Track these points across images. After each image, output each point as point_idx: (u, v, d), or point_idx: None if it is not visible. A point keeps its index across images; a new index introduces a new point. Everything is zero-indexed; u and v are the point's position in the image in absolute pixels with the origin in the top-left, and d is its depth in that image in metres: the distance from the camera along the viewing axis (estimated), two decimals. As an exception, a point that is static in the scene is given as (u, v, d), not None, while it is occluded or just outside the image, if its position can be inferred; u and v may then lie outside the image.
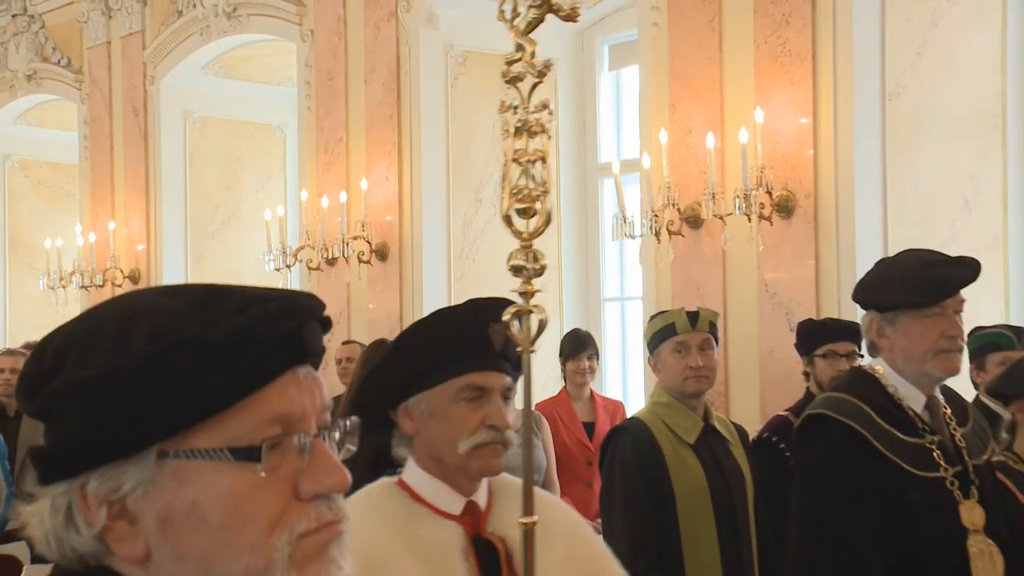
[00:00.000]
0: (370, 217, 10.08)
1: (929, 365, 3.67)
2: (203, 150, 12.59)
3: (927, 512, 3.60)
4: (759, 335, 7.74)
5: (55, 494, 1.41)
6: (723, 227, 7.83)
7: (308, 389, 1.45)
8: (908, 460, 3.62)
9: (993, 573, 3.56)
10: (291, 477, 1.41)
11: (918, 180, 7.59)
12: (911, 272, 3.71)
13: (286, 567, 1.39)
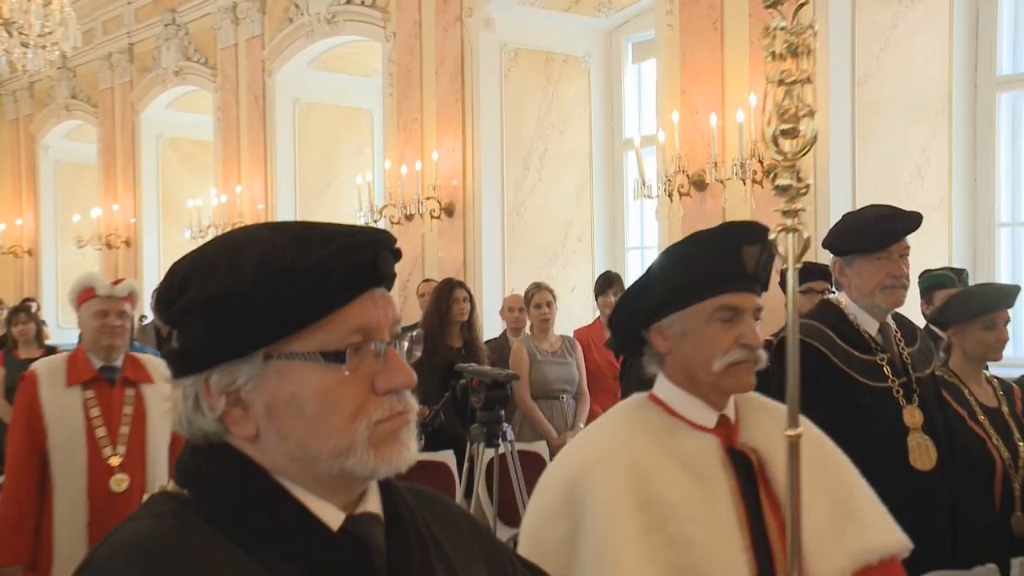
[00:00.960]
0: (439, 182, 10.08)
1: (878, 298, 3.67)
2: (308, 129, 12.63)
3: (876, 414, 3.61)
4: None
5: (185, 385, 1.44)
6: (723, 189, 7.90)
7: (382, 306, 1.46)
8: (862, 373, 3.64)
9: (928, 463, 3.58)
10: (369, 376, 1.43)
11: (880, 152, 7.59)
12: (865, 224, 3.71)
13: (366, 448, 1.41)
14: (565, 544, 2.31)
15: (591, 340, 7.45)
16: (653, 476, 2.33)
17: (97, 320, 4.30)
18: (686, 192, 8.11)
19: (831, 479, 2.53)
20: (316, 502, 1.44)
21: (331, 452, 1.41)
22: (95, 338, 4.33)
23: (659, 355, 2.50)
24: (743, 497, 2.38)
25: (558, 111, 10.15)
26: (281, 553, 1.39)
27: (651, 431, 2.45)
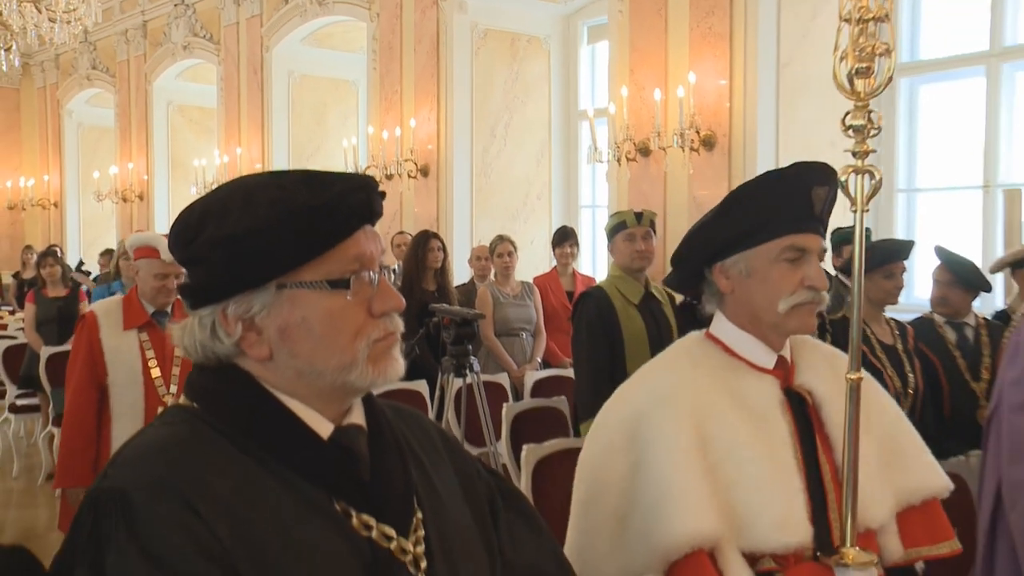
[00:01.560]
0: (416, 146, 10.06)
1: None
2: (300, 98, 12.57)
3: None
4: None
5: (202, 315, 1.45)
6: (665, 156, 7.90)
7: (373, 240, 1.48)
8: None
9: None
10: (366, 301, 1.45)
11: (800, 124, 7.65)
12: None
13: (365, 363, 1.44)
14: (625, 483, 2.12)
15: (547, 286, 7.50)
16: (714, 417, 2.11)
17: (157, 281, 4.24)
18: (632, 158, 8.14)
19: (879, 420, 2.29)
20: (310, 414, 1.45)
21: (336, 367, 1.43)
22: (152, 295, 4.26)
23: (720, 294, 2.24)
24: (800, 439, 2.15)
25: (522, 85, 10.13)
26: (279, 457, 1.41)
27: (713, 371, 2.20)
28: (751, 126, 7.53)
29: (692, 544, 1.97)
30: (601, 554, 2.13)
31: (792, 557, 2.03)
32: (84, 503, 1.34)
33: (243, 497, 1.35)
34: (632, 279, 4.85)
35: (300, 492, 1.39)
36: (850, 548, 2.02)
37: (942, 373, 4.24)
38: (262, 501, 1.36)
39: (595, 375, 4.68)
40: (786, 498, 2.05)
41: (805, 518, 2.04)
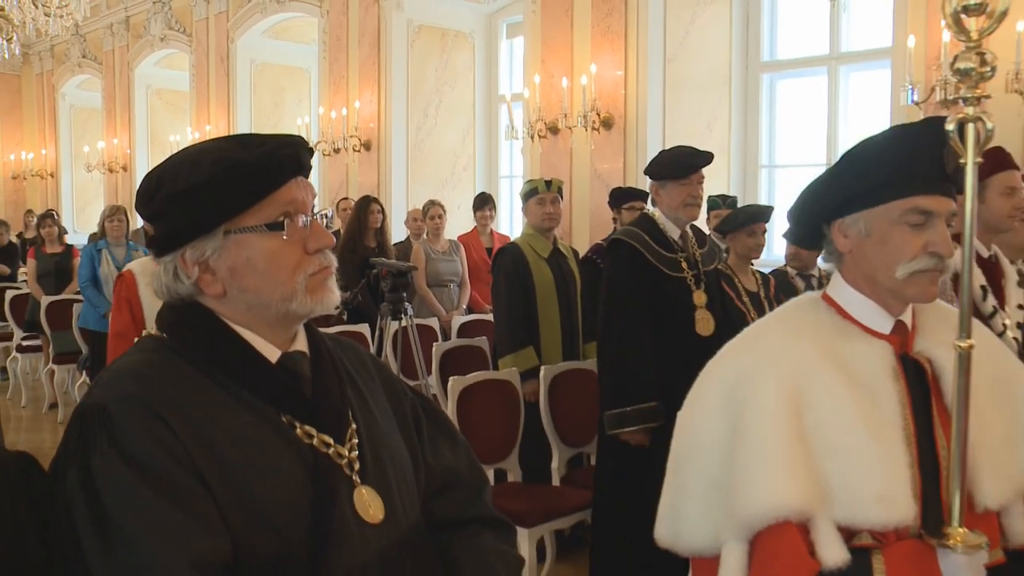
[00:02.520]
0: (360, 124, 9.91)
1: (680, 213, 3.68)
2: (261, 83, 12.24)
3: (674, 296, 3.64)
4: (590, 198, 7.83)
5: (166, 262, 1.46)
6: (571, 134, 7.88)
7: (304, 189, 1.47)
8: (666, 266, 3.65)
9: (708, 330, 3.63)
10: (301, 240, 1.45)
11: (684, 110, 7.67)
12: (675, 157, 3.70)
13: (304, 293, 1.44)
14: (719, 445, 1.75)
15: (470, 243, 7.45)
16: (815, 382, 1.70)
17: None
18: (544, 135, 8.10)
19: (1009, 392, 1.82)
20: (260, 342, 1.46)
21: (280, 298, 1.44)
22: None
23: (838, 253, 1.83)
24: (913, 409, 1.72)
25: (450, 73, 9.97)
26: (234, 378, 1.42)
27: (821, 334, 1.79)
28: (643, 110, 7.56)
29: (775, 515, 1.61)
30: (693, 517, 1.80)
31: (893, 534, 1.65)
32: (73, 417, 1.36)
33: (204, 410, 1.36)
34: (542, 237, 4.84)
35: (252, 407, 1.40)
36: (957, 528, 1.61)
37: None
38: (220, 413, 1.37)
39: (511, 318, 4.68)
40: (888, 470, 1.65)
41: (909, 493, 1.65)
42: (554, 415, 4.36)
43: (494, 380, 4.29)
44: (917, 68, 6.05)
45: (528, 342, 4.64)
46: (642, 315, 3.60)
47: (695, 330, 3.64)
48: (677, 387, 3.53)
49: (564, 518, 4.01)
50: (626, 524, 3.66)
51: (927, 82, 6.01)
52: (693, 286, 3.68)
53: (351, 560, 1.38)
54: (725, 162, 7.71)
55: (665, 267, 3.66)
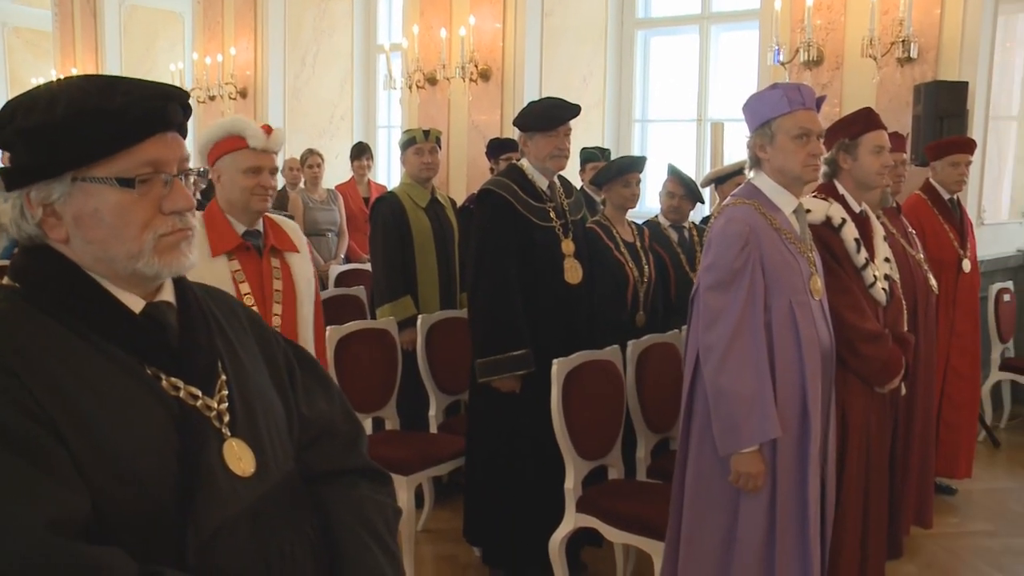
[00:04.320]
0: (236, 71, 9.60)
1: (548, 163, 3.67)
2: (132, 26, 11.63)
3: (543, 245, 3.64)
4: (467, 148, 7.78)
5: (14, 197, 1.36)
6: (449, 85, 7.79)
7: (172, 146, 1.37)
8: (535, 216, 3.65)
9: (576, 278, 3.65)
10: (157, 199, 1.36)
11: (559, 64, 7.67)
12: (542, 110, 3.69)
13: (151, 254, 1.36)
14: None
15: (348, 193, 7.33)
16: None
17: (249, 178, 2.66)
18: (422, 86, 7.99)
19: None
20: (121, 292, 1.38)
21: (125, 255, 1.35)
22: (246, 200, 2.68)
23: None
24: None
25: (328, 21, 9.69)
26: (93, 328, 1.33)
27: None
28: (520, 63, 7.53)
29: None
30: None
31: None
32: None
33: (59, 361, 1.27)
34: (420, 187, 4.79)
35: (113, 359, 1.32)
36: None
37: (669, 265, 4.35)
38: (78, 364, 1.28)
39: (389, 268, 4.63)
40: None
41: None
42: (431, 364, 4.35)
43: (372, 329, 4.23)
44: (783, 30, 6.19)
45: (406, 291, 4.60)
46: (512, 264, 3.60)
47: (564, 278, 3.67)
48: (547, 334, 3.61)
49: (441, 465, 4.01)
50: (498, 469, 3.69)
51: (792, 44, 6.16)
52: (561, 235, 3.69)
53: (221, 514, 1.32)
54: (600, 116, 7.76)
55: (534, 217, 3.66)
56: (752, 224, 2.77)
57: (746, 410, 2.68)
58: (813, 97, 2.81)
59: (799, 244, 2.86)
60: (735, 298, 2.72)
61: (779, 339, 2.75)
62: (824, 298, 2.94)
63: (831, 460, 2.96)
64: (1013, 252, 6.68)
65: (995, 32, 5.91)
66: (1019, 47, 6.37)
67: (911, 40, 5.68)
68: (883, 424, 3.42)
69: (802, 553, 2.78)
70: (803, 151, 2.77)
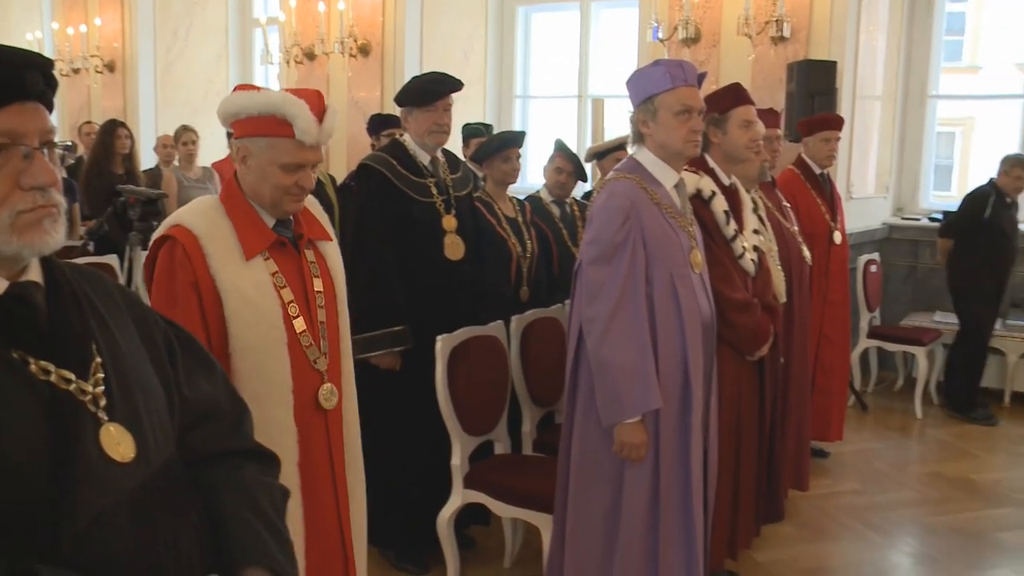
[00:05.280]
0: (102, 43, 9.19)
1: (428, 138, 3.62)
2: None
3: (422, 221, 3.61)
4: (348, 125, 7.66)
5: None
6: (328, 60, 7.66)
7: (32, 117, 1.28)
8: (414, 191, 3.61)
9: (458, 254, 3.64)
10: (15, 174, 1.27)
11: (440, 40, 7.62)
12: (422, 84, 3.65)
13: (9, 232, 1.27)
14: None
15: (224, 171, 7.13)
16: None
17: (287, 175, 2.08)
18: (300, 61, 7.85)
19: None
20: None
21: None
22: (277, 198, 2.10)
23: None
24: None
25: (201, -7, 9.40)
26: None
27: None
28: (400, 38, 7.46)
29: None
30: None
31: None
32: None
33: None
34: (300, 163, 4.66)
35: None
36: None
37: (552, 240, 4.39)
38: None
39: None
40: None
41: None
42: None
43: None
44: (661, 8, 6.30)
45: (287, 271, 4.50)
46: (390, 240, 3.57)
47: (444, 255, 3.64)
48: (427, 310, 3.60)
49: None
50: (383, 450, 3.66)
51: (670, 21, 6.28)
52: (443, 211, 3.67)
53: (100, 501, 1.27)
54: (481, 91, 7.77)
55: (414, 192, 3.62)
56: (633, 198, 2.82)
57: (628, 381, 2.72)
58: (695, 74, 2.87)
59: (680, 218, 2.92)
60: (617, 271, 2.76)
61: (660, 311, 2.80)
62: (705, 271, 3.02)
63: (713, 430, 3.05)
64: (879, 225, 7.01)
65: (860, 15, 6.17)
66: (880, 30, 6.66)
67: (784, 20, 5.87)
68: (753, 392, 3.54)
69: (685, 521, 2.85)
70: (685, 127, 2.81)
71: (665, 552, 2.84)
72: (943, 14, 7.25)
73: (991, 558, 4.10)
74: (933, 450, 5.51)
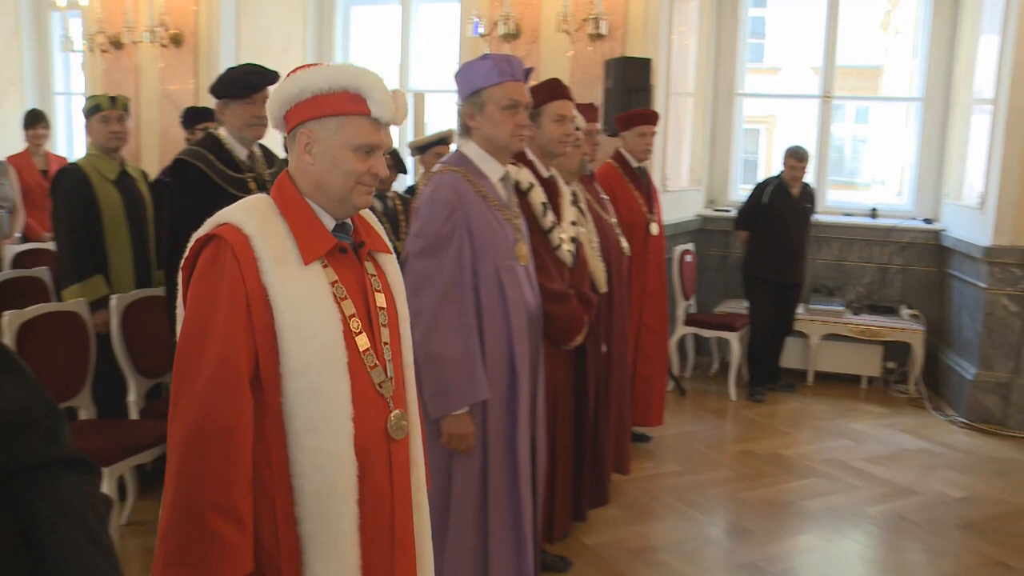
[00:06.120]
0: None
1: (245, 131, 3.59)
2: None
3: None
4: (160, 117, 7.35)
5: None
6: (137, 49, 7.31)
7: None
8: (232, 186, 3.53)
9: None
10: None
11: (258, 32, 7.41)
12: (239, 76, 3.57)
13: None
14: None
15: (22, 165, 6.66)
16: None
17: (361, 160, 1.79)
18: (106, 49, 7.43)
19: None
20: None
21: None
22: (347, 189, 1.81)
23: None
24: None
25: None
26: None
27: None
28: (215, 29, 7.19)
29: None
30: None
31: None
32: None
33: None
34: (108, 158, 4.50)
35: None
36: None
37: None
38: None
39: (75, 246, 4.32)
40: None
41: None
42: (129, 346, 4.12)
43: (58, 312, 3.92)
44: (482, 3, 6.37)
45: (96, 270, 4.32)
46: None
47: None
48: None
49: (146, 452, 3.80)
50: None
51: (491, 17, 6.35)
52: None
53: None
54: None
55: (233, 188, 3.53)
56: (459, 191, 2.84)
57: (455, 373, 2.74)
58: (523, 69, 2.91)
59: (505, 211, 2.96)
60: (442, 264, 2.78)
61: (487, 304, 2.83)
62: (531, 263, 3.08)
63: (541, 420, 3.11)
64: (693, 217, 7.35)
65: (672, 15, 6.45)
66: (691, 31, 6.99)
67: (601, 18, 6.05)
68: (568, 381, 3.65)
69: (514, 510, 2.90)
70: (511, 121, 2.85)
71: (494, 540, 2.88)
72: (747, 17, 7.69)
73: (798, 525, 4.40)
74: (746, 429, 5.83)
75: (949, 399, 6.40)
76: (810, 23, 8.63)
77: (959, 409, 6.14)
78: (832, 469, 5.11)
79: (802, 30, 12.96)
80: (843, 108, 12.25)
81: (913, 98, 7.45)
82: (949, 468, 5.19)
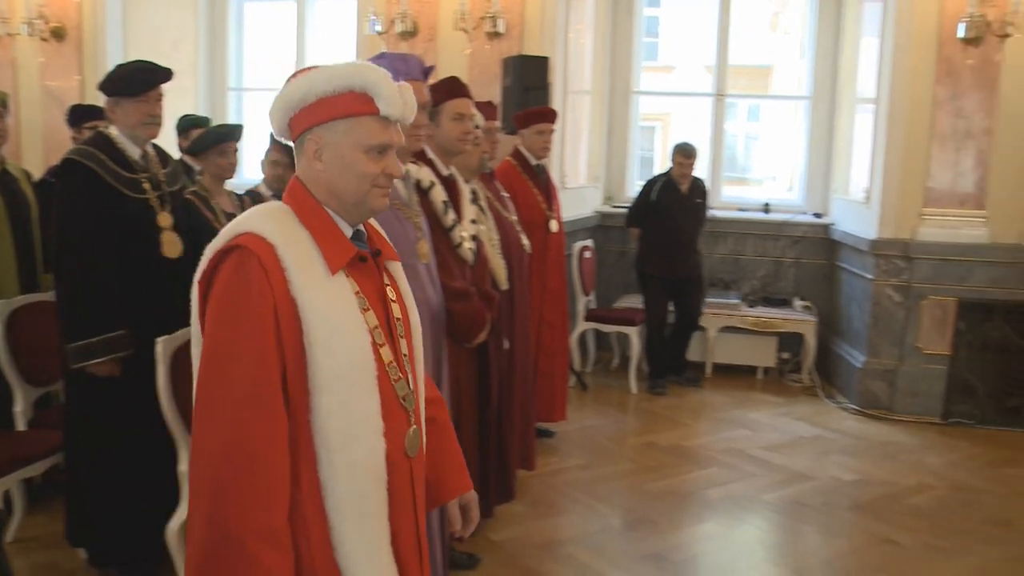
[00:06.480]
0: None
1: (139, 131, 3.47)
2: None
3: (136, 218, 3.45)
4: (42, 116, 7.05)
5: None
6: (14, 42, 7.02)
7: None
8: (125, 187, 3.43)
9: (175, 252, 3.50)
10: None
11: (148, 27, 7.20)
12: (130, 73, 3.46)
13: None
14: None
15: None
16: None
17: (373, 161, 1.73)
18: (-18, 44, 7.09)
19: None
20: None
21: None
22: (363, 193, 1.73)
23: None
24: None
25: None
26: None
27: None
28: (100, 23, 6.95)
29: None
30: None
31: None
32: None
33: None
34: (-15, 157, 4.29)
35: None
36: None
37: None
38: None
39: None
40: None
41: None
42: (15, 353, 3.96)
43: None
44: (379, 1, 6.32)
45: (-25, 276, 4.13)
46: (101, 240, 3.38)
47: (161, 252, 3.50)
48: (145, 311, 3.43)
49: (34, 464, 3.67)
50: (102, 461, 3.45)
51: (388, 14, 6.32)
52: (157, 207, 3.51)
53: None
54: (192, 82, 7.44)
55: (125, 188, 3.44)
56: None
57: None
58: (420, 68, 2.90)
59: (406, 209, 2.96)
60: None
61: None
62: (433, 262, 3.08)
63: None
64: (591, 213, 7.45)
65: (568, 14, 6.52)
66: (587, 30, 7.08)
67: (498, 16, 6.08)
68: (471, 378, 3.67)
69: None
70: None
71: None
72: (642, 17, 7.83)
73: (700, 514, 4.51)
74: (648, 422, 5.95)
75: (840, 387, 6.66)
76: (703, 23, 8.85)
77: (850, 396, 6.40)
78: (731, 458, 5.26)
79: (695, 30, 13.27)
80: (736, 106, 12.58)
81: (801, 97, 7.72)
82: (841, 453, 5.40)
